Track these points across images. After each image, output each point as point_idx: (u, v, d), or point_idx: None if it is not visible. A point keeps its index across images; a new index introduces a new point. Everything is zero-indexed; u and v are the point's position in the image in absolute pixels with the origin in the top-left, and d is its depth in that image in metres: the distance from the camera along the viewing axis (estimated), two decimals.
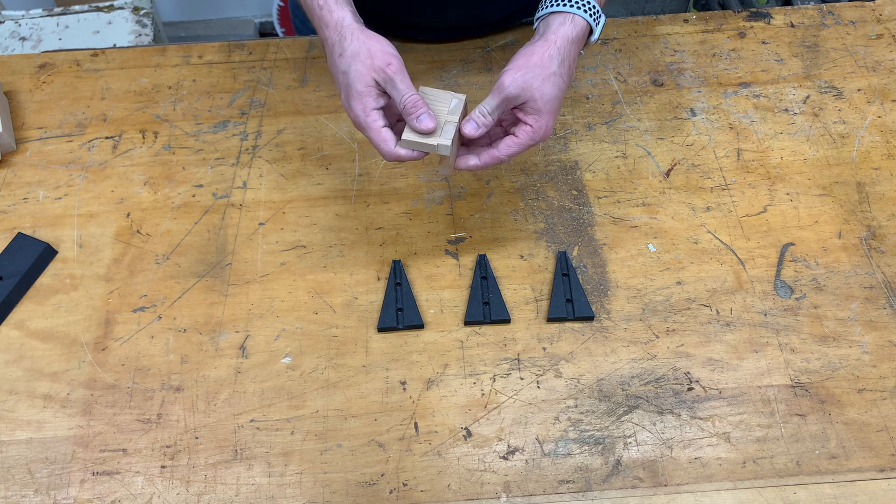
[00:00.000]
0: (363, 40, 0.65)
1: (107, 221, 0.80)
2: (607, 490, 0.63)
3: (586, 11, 0.66)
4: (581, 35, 0.67)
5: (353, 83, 0.64)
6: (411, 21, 0.93)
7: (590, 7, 0.66)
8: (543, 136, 0.66)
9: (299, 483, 0.64)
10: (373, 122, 0.64)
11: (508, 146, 0.66)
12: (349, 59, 0.65)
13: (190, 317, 0.73)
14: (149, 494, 0.64)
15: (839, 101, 0.89)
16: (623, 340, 0.71)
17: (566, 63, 0.66)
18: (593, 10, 0.67)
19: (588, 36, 0.68)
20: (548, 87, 0.64)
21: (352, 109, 0.65)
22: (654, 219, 0.80)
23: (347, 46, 0.65)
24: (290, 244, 0.78)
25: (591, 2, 0.67)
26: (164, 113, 0.90)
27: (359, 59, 0.64)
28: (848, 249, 0.77)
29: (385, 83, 0.65)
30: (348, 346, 0.71)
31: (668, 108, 0.89)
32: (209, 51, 0.96)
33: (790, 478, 0.64)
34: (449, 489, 0.64)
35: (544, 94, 0.64)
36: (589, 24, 0.67)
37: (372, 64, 0.64)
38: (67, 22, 1.57)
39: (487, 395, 0.68)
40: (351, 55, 0.65)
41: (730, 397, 0.68)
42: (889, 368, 0.69)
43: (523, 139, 0.66)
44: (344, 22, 0.66)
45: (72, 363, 0.71)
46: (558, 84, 0.65)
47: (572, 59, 0.67)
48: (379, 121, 0.65)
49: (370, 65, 0.64)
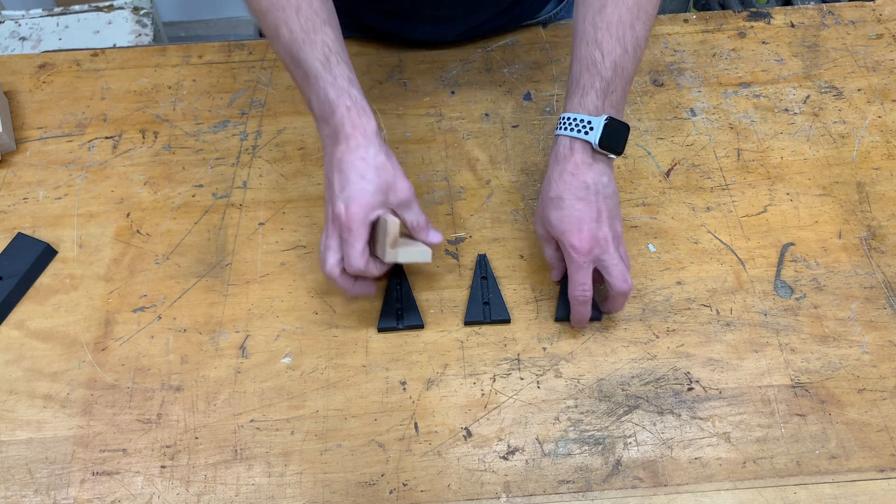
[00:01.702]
0: (393, 160, 0.66)
1: (107, 221, 0.80)
2: (607, 490, 0.63)
3: (570, 129, 0.66)
4: (570, 150, 0.66)
5: (369, 189, 0.63)
6: (409, 35, 0.93)
7: (575, 122, 0.65)
8: (586, 254, 0.66)
9: (299, 483, 0.64)
10: (366, 233, 0.64)
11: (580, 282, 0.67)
12: (374, 168, 0.64)
13: (190, 317, 0.73)
14: (149, 494, 0.64)
15: (839, 101, 0.89)
16: (623, 340, 0.71)
17: (565, 178, 0.66)
18: (578, 123, 0.65)
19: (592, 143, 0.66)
20: (551, 213, 0.67)
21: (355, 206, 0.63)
22: (654, 219, 0.80)
23: (375, 154, 0.64)
24: (291, 244, 0.78)
25: (578, 116, 0.65)
26: (164, 113, 0.90)
27: (386, 171, 0.65)
28: (848, 249, 0.77)
29: (400, 205, 0.66)
30: (348, 346, 0.71)
31: (668, 108, 0.89)
32: (209, 51, 0.96)
33: (790, 478, 0.64)
34: (449, 489, 0.64)
35: (550, 222, 0.67)
36: (577, 138, 0.66)
37: (394, 184, 0.65)
38: (67, 22, 1.58)
39: (487, 395, 0.68)
40: (378, 165, 0.64)
41: (730, 397, 0.68)
42: (889, 368, 0.69)
43: (569, 267, 0.67)
44: (369, 127, 0.65)
45: (72, 363, 0.71)
46: (562, 205, 0.66)
47: (572, 172, 0.66)
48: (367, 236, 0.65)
49: (391, 184, 0.65)
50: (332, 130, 0.65)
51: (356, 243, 0.63)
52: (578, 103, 0.66)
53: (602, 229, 0.66)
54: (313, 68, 0.65)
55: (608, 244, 0.66)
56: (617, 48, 0.65)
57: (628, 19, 0.66)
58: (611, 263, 0.66)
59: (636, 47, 0.67)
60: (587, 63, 0.66)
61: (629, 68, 0.67)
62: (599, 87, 0.66)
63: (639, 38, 0.67)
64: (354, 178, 0.63)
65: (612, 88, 0.66)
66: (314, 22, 0.65)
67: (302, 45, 0.65)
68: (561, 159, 0.67)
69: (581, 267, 0.66)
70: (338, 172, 0.64)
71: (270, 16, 0.66)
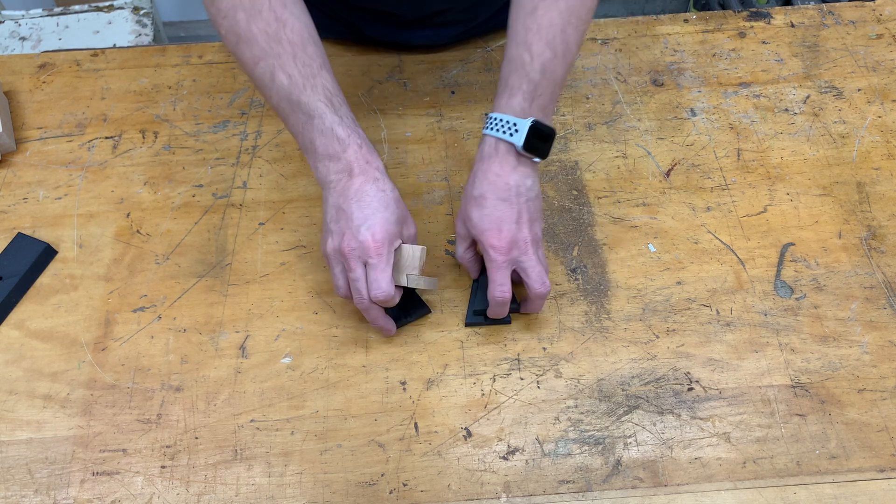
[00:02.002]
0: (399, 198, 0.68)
1: (107, 221, 0.80)
2: (607, 490, 0.63)
3: (496, 130, 0.66)
4: (495, 150, 0.66)
5: (392, 219, 0.65)
6: (408, 42, 0.94)
7: (501, 123, 0.66)
8: (505, 254, 0.66)
9: (299, 483, 0.64)
10: (391, 259, 0.65)
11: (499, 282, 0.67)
12: (394, 200, 0.66)
13: (190, 317, 0.73)
14: (149, 494, 0.64)
15: (839, 101, 0.89)
16: (623, 340, 0.71)
17: (489, 178, 0.66)
18: (504, 124, 0.65)
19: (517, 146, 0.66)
20: (472, 211, 0.67)
21: (382, 233, 0.64)
22: (654, 219, 0.80)
23: (392, 189, 0.66)
24: (291, 244, 0.78)
25: (505, 117, 0.65)
26: (164, 113, 0.90)
27: (401, 205, 0.67)
28: (848, 249, 0.77)
29: (409, 239, 0.68)
30: (348, 346, 0.71)
31: (668, 108, 0.89)
32: (209, 51, 0.96)
33: (790, 478, 0.64)
34: (449, 489, 0.64)
35: (472, 220, 0.67)
36: (501, 139, 0.66)
37: (407, 219, 0.68)
38: (67, 22, 1.58)
39: (487, 395, 0.68)
40: (396, 199, 0.66)
41: (730, 397, 0.68)
42: (889, 368, 0.69)
43: (489, 267, 0.67)
44: (380, 166, 0.67)
45: (72, 363, 0.71)
46: (483, 203, 0.66)
47: (497, 172, 0.66)
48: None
49: (405, 218, 0.68)
50: (344, 166, 0.66)
51: (386, 267, 0.64)
52: (506, 104, 0.66)
53: (522, 231, 0.66)
54: (318, 110, 0.65)
55: (527, 246, 0.66)
56: (546, 51, 0.65)
57: (559, 23, 0.66)
58: (529, 265, 0.66)
59: (566, 52, 0.66)
60: (516, 64, 0.66)
61: (558, 72, 0.66)
62: (527, 90, 0.66)
63: (569, 43, 0.66)
64: (378, 206, 0.65)
65: (540, 91, 0.66)
66: (311, 67, 0.66)
67: (303, 90, 0.65)
68: (486, 159, 0.67)
69: (500, 267, 0.66)
70: (356, 203, 0.65)
71: (264, 64, 0.66)
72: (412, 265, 0.66)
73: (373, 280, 0.64)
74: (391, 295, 0.64)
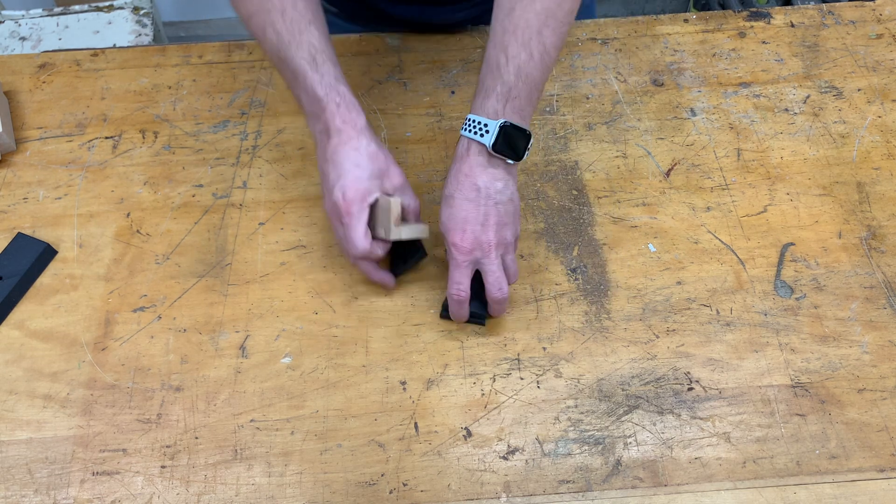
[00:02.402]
0: (384, 150, 0.69)
1: (107, 221, 0.80)
2: (607, 490, 0.63)
3: (469, 130, 0.66)
4: (466, 150, 0.67)
5: (364, 176, 0.66)
6: (422, 19, 0.94)
7: (474, 124, 0.66)
8: (465, 254, 0.66)
9: (299, 483, 0.64)
10: (365, 216, 0.66)
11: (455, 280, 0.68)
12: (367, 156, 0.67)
13: (190, 317, 0.73)
14: (149, 494, 0.64)
15: (839, 101, 0.89)
16: (623, 340, 0.71)
17: (459, 178, 0.67)
18: (476, 125, 0.66)
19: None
20: (442, 210, 0.68)
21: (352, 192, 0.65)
22: (654, 219, 0.80)
23: (367, 144, 0.67)
24: (291, 244, 0.78)
25: (477, 118, 0.66)
26: (164, 113, 0.90)
27: (378, 159, 0.67)
28: (848, 249, 0.77)
29: (394, 190, 0.68)
30: (348, 346, 0.71)
31: (668, 108, 0.89)
32: (209, 51, 0.96)
33: (790, 478, 0.64)
34: (449, 489, 0.64)
35: (440, 219, 0.68)
36: (473, 139, 0.66)
37: (388, 171, 0.68)
38: (67, 22, 1.58)
39: (487, 395, 0.68)
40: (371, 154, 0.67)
41: (730, 397, 0.68)
42: (889, 368, 0.69)
43: (449, 265, 0.68)
44: (359, 122, 0.68)
45: (72, 363, 0.71)
46: (451, 203, 0.67)
47: (466, 173, 0.66)
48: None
49: (384, 170, 0.68)
50: (323, 126, 0.67)
51: (357, 225, 0.66)
52: (480, 105, 0.66)
53: (487, 234, 0.66)
54: (301, 68, 0.66)
55: (490, 249, 0.66)
56: (522, 53, 0.65)
57: (535, 25, 0.65)
58: (489, 269, 0.67)
59: (543, 54, 0.66)
60: (493, 66, 0.66)
61: (535, 75, 0.66)
62: (500, 92, 0.66)
63: (546, 46, 0.66)
64: (349, 166, 0.66)
65: (515, 94, 0.66)
66: (299, 24, 0.67)
67: (288, 46, 0.66)
68: (458, 159, 0.67)
69: (459, 266, 0.67)
70: (332, 164, 0.66)
71: (256, 19, 0.68)
72: (387, 218, 0.67)
73: (347, 239, 0.67)
74: (366, 250, 0.66)
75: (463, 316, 0.70)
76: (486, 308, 0.71)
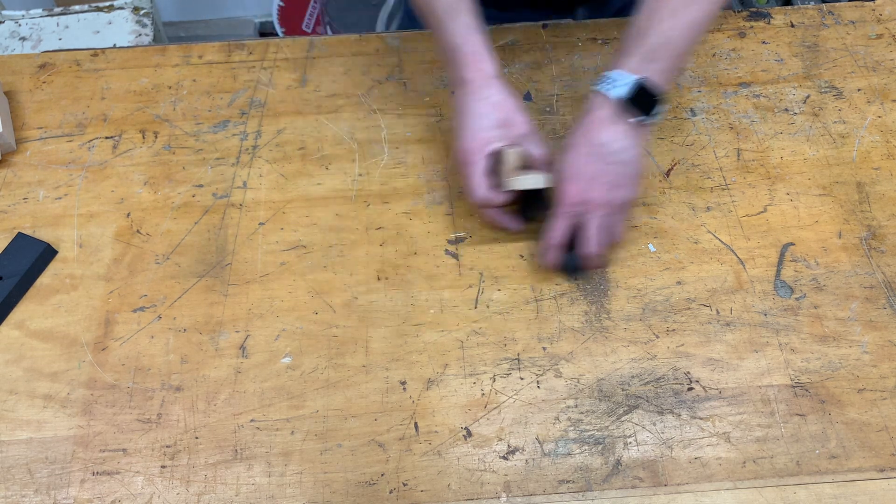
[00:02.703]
0: (512, 99, 0.72)
1: (107, 221, 0.80)
2: (607, 490, 0.63)
3: (601, 84, 0.68)
4: (594, 104, 0.68)
5: (485, 125, 0.69)
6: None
7: (608, 79, 0.67)
8: (569, 206, 0.68)
9: (299, 483, 0.64)
10: (483, 164, 0.70)
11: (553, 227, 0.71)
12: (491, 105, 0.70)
13: (190, 317, 0.73)
14: (149, 494, 0.64)
15: (839, 101, 0.89)
16: (623, 340, 0.71)
17: (581, 130, 0.69)
18: (610, 79, 0.67)
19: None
20: (561, 158, 0.70)
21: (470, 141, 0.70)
22: (654, 219, 0.80)
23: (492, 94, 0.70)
24: (290, 244, 0.78)
25: (613, 73, 0.67)
26: (164, 113, 0.90)
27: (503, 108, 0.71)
28: (848, 249, 0.77)
29: (520, 138, 0.71)
30: (348, 346, 0.71)
31: (668, 108, 0.89)
32: (209, 51, 0.96)
33: (790, 478, 0.64)
34: (449, 489, 0.64)
35: (557, 166, 0.70)
36: (601, 93, 0.68)
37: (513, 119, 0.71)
38: (67, 22, 1.58)
39: (487, 394, 0.68)
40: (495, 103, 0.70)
41: (730, 397, 0.68)
42: (889, 368, 0.69)
43: (555, 211, 0.70)
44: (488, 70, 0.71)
45: (72, 363, 0.71)
46: (568, 154, 0.69)
47: (590, 126, 0.68)
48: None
49: (509, 119, 0.71)
50: (458, 75, 0.71)
51: (475, 174, 0.70)
52: (618, 63, 0.68)
53: (595, 191, 0.67)
54: (440, 17, 0.71)
55: (595, 207, 0.67)
56: (668, 21, 0.66)
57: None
58: (589, 226, 0.69)
59: (690, 27, 0.67)
60: (638, 31, 0.68)
61: (679, 45, 0.67)
62: (644, 52, 0.67)
63: (694, 19, 0.67)
64: (473, 116, 0.69)
65: (656, 57, 0.67)
66: None
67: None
68: (586, 112, 0.69)
69: (560, 215, 0.69)
70: (460, 115, 0.71)
71: None
72: (506, 168, 0.70)
73: (467, 187, 0.71)
74: (483, 198, 0.70)
75: (552, 261, 0.72)
76: (577, 262, 0.72)
